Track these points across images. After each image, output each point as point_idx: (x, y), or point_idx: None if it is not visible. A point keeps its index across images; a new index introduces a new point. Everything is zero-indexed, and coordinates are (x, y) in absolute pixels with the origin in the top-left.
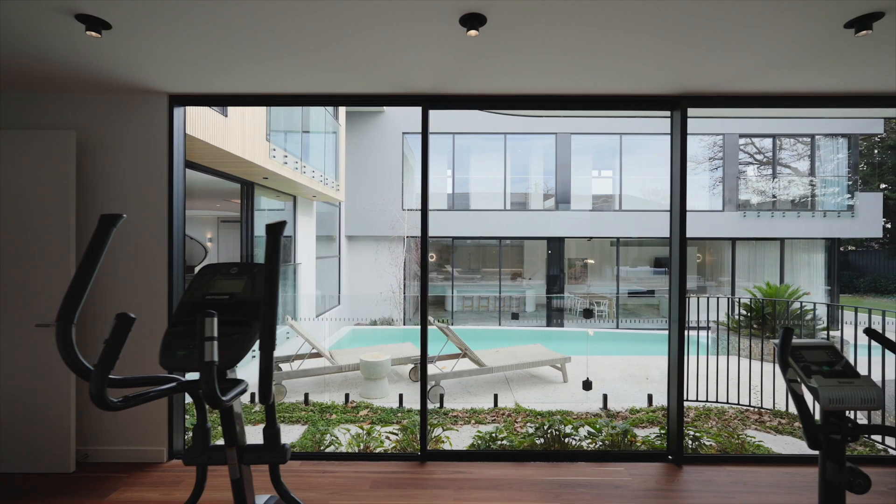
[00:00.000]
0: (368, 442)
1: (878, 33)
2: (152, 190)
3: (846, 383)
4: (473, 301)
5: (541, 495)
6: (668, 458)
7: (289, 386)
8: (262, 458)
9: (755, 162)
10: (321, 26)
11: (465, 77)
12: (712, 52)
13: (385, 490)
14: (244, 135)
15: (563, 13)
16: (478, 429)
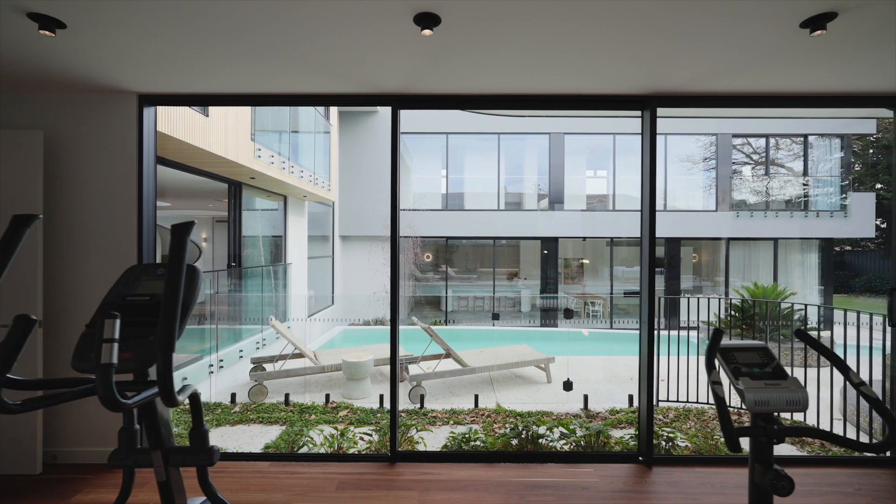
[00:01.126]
0: (342, 443)
1: (834, 34)
2: (121, 190)
3: (773, 385)
4: (469, 301)
5: (505, 497)
6: (639, 459)
7: (274, 386)
8: (189, 461)
9: (751, 162)
10: (283, 28)
11: (434, 77)
12: (678, 52)
13: (350, 491)
14: (227, 135)
15: (518, 11)
16: (456, 430)
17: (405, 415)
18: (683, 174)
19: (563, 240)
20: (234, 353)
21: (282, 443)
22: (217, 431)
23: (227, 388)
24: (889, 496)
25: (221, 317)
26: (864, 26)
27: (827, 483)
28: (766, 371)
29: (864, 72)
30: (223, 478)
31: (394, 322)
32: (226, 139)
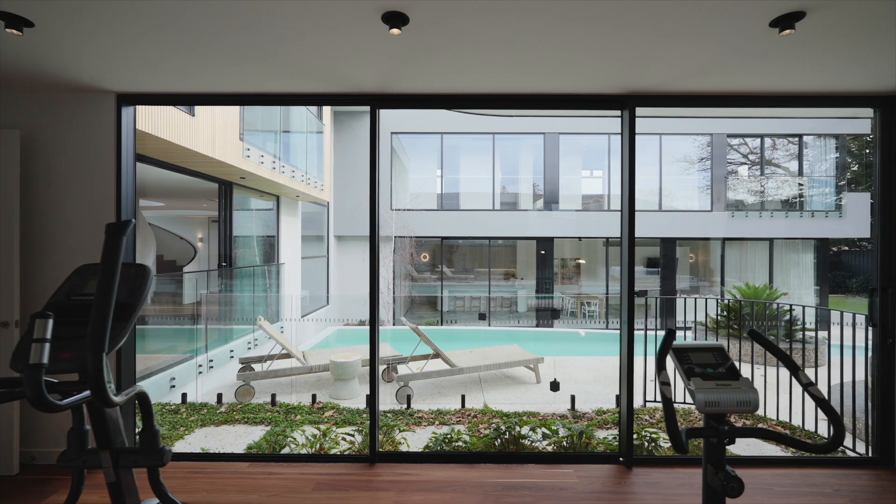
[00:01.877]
0: (324, 443)
1: (803, 33)
2: (100, 189)
3: (724, 386)
4: (465, 301)
5: (482, 498)
6: (620, 459)
7: (263, 386)
8: (139, 462)
9: (748, 162)
10: (257, 29)
11: (411, 76)
12: (653, 52)
13: (327, 492)
14: (214, 135)
15: (488, 9)
16: (442, 430)
17: (391, 415)
18: (679, 174)
19: (560, 240)
20: (224, 354)
21: (264, 443)
22: (201, 432)
23: (217, 389)
24: (867, 497)
25: (212, 317)
26: (833, 26)
27: (806, 483)
28: (720, 372)
29: (841, 72)
30: (200, 478)
31: (373, 323)
32: (213, 139)
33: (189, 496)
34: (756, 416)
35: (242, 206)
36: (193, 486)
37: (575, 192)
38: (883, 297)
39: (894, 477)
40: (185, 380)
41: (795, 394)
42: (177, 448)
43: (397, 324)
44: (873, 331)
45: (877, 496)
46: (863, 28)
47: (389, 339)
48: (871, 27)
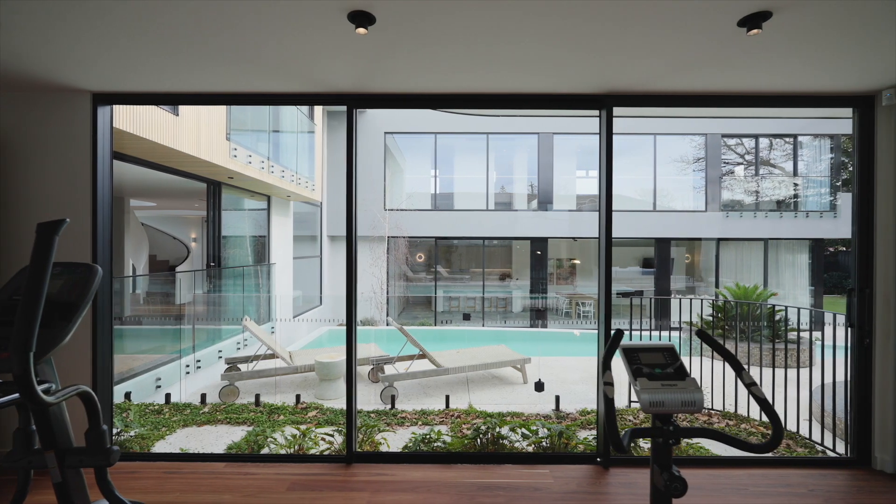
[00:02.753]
0: (303, 443)
1: (773, 33)
2: (75, 190)
3: (669, 386)
4: (460, 301)
5: (456, 498)
6: (597, 460)
7: (249, 387)
8: (85, 462)
9: (743, 162)
10: (228, 28)
11: (387, 75)
12: (629, 51)
13: (300, 492)
14: (199, 134)
15: (455, 9)
16: (424, 430)
17: (374, 415)
18: (673, 174)
19: (555, 240)
20: (213, 354)
21: (244, 444)
22: (183, 432)
23: (203, 389)
24: (841, 497)
25: (201, 318)
26: (802, 26)
27: (782, 484)
28: (668, 372)
29: (818, 71)
30: (175, 478)
31: (349, 324)
32: (198, 139)
33: (162, 496)
34: (739, 417)
35: (232, 206)
36: (168, 487)
37: (570, 193)
38: (860, 297)
39: (870, 477)
40: (172, 380)
41: (783, 396)
42: (157, 448)
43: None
44: (851, 331)
45: (851, 496)
46: (833, 29)
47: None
48: (841, 28)
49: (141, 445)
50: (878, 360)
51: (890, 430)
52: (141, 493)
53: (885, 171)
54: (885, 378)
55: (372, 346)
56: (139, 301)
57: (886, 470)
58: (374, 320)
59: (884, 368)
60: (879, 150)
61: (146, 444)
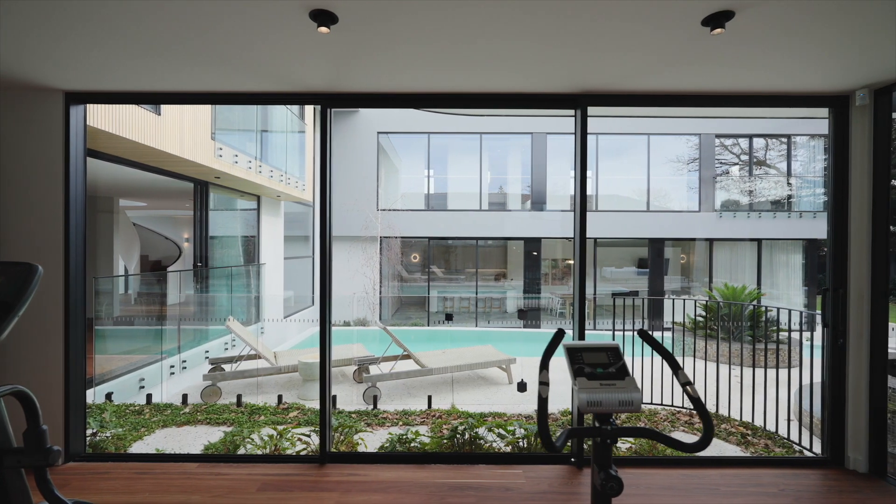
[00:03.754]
0: (279, 444)
1: (737, 33)
2: (46, 189)
3: (608, 385)
4: (454, 301)
5: (425, 498)
6: (571, 460)
7: (233, 387)
8: (23, 462)
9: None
10: (195, 26)
11: (359, 75)
12: (601, 50)
13: (271, 493)
14: (183, 134)
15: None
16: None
17: (355, 416)
18: (667, 174)
19: (551, 241)
20: (199, 354)
21: (221, 445)
22: (161, 433)
23: (188, 390)
24: (811, 496)
25: (188, 318)
26: (767, 26)
27: (753, 483)
28: (609, 371)
29: (791, 71)
30: (146, 479)
31: (323, 324)
32: (181, 138)
33: (131, 497)
34: (720, 417)
35: (221, 206)
36: (137, 487)
37: (563, 193)
38: (834, 297)
39: (842, 476)
40: (157, 381)
41: (763, 396)
42: (134, 449)
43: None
44: (825, 331)
45: (820, 496)
46: (799, 30)
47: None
48: (808, 29)
49: (117, 446)
50: (851, 360)
51: (862, 430)
52: (110, 493)
53: (859, 170)
54: (857, 378)
55: (357, 346)
56: (130, 301)
57: (859, 469)
58: (367, 320)
59: (857, 368)
60: (854, 150)
61: (123, 444)
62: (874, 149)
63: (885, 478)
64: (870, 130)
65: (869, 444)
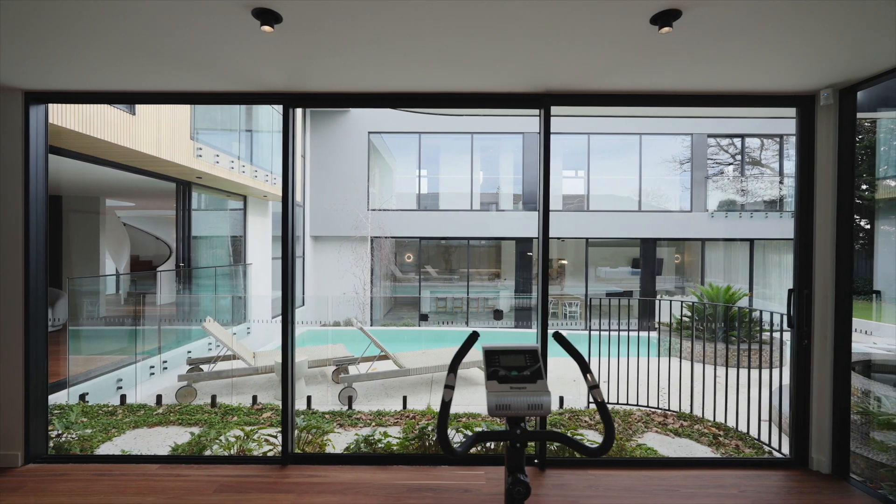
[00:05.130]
0: (247, 445)
1: (692, 32)
2: (5, 191)
3: (518, 389)
4: (447, 302)
5: (382, 500)
6: (535, 461)
7: (211, 387)
8: None
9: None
10: (147, 24)
11: (322, 74)
12: (561, 49)
13: (227, 494)
14: (160, 134)
15: (361, 9)
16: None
17: (329, 416)
18: (659, 174)
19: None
20: (182, 355)
21: (187, 446)
22: (132, 433)
23: (166, 390)
24: (770, 497)
25: (171, 318)
26: (717, 26)
27: (714, 485)
28: (524, 374)
29: (750, 71)
30: (104, 481)
31: (285, 324)
32: (158, 138)
33: (86, 498)
34: (693, 417)
35: (206, 206)
36: (94, 489)
37: (556, 193)
38: (799, 297)
39: (805, 477)
40: (136, 381)
41: (735, 396)
42: (101, 450)
43: (375, 324)
44: (792, 332)
45: (779, 497)
46: (753, 29)
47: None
48: (761, 29)
49: (84, 447)
50: (815, 361)
51: (826, 431)
52: (65, 495)
53: (824, 170)
54: (822, 379)
55: (339, 346)
56: (120, 301)
57: (822, 470)
58: (359, 320)
59: (821, 369)
60: (819, 150)
61: (90, 445)
62: (839, 149)
63: (848, 479)
64: (835, 130)
65: (832, 444)
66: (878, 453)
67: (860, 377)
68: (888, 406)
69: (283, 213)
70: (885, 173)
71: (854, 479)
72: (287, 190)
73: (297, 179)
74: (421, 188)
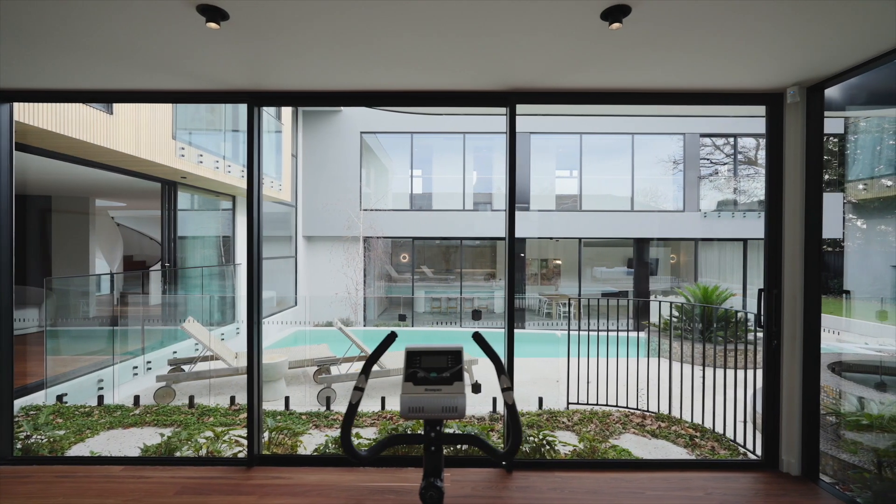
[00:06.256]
0: (216, 446)
1: (644, 29)
2: None
3: (433, 391)
4: (442, 302)
5: (343, 502)
6: (502, 463)
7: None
8: None
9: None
10: (103, 23)
11: (284, 73)
12: (521, 45)
13: (188, 496)
14: (139, 133)
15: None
16: (356, 432)
17: (305, 417)
18: (653, 174)
19: (542, 241)
20: (168, 355)
21: (155, 447)
22: (106, 435)
23: (147, 391)
24: (736, 500)
25: (156, 318)
26: (671, 23)
27: (681, 487)
28: (442, 376)
29: (713, 69)
30: (65, 483)
31: (250, 325)
32: (137, 138)
33: (45, 501)
34: (672, 419)
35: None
36: (54, 491)
37: (549, 193)
38: (768, 298)
39: (774, 479)
40: (119, 382)
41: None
42: (72, 451)
43: (368, 324)
44: (762, 332)
45: (745, 500)
46: (709, 26)
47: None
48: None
49: (54, 449)
50: (785, 361)
51: (795, 433)
52: (23, 497)
53: (792, 168)
54: (791, 380)
55: (323, 346)
56: (112, 302)
57: (792, 472)
58: (351, 320)
59: (790, 370)
60: (787, 148)
61: (61, 446)
62: (807, 147)
63: (817, 481)
64: (802, 128)
65: (802, 446)
66: (850, 455)
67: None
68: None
69: (247, 214)
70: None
71: (823, 482)
72: (252, 192)
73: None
74: (414, 188)
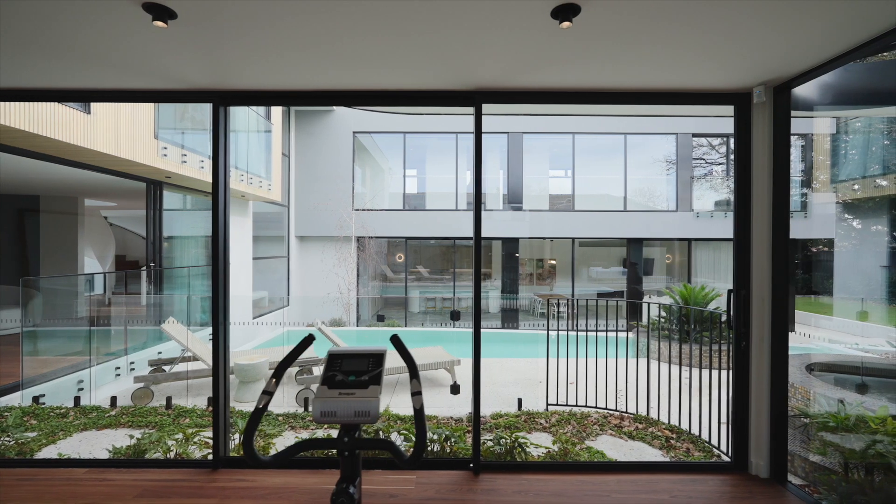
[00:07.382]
0: (185, 448)
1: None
2: None
3: (347, 395)
4: (437, 302)
5: None
6: (470, 465)
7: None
8: None
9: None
10: (56, 19)
11: (249, 73)
12: (480, 43)
13: (148, 500)
14: (118, 133)
15: (257, 9)
16: (329, 434)
17: (282, 418)
18: (645, 174)
19: (536, 241)
20: (152, 356)
21: (125, 449)
22: (79, 436)
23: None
24: (702, 503)
25: (140, 319)
26: (618, 22)
27: (648, 490)
28: (361, 380)
29: (675, 69)
30: (26, 486)
31: (216, 324)
32: (116, 137)
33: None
34: (650, 420)
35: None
36: (13, 495)
37: (542, 193)
38: (736, 299)
39: (743, 482)
40: (99, 383)
41: (688, 398)
42: (42, 453)
43: (361, 325)
44: (731, 333)
45: (711, 502)
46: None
47: (350, 340)
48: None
49: (22, 451)
50: (753, 363)
51: (764, 435)
52: None
53: (760, 168)
54: (759, 381)
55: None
56: (104, 302)
57: (761, 475)
58: (343, 320)
59: (759, 372)
60: (755, 148)
61: (30, 449)
62: (774, 147)
63: (785, 483)
64: (769, 128)
65: (770, 448)
66: (820, 457)
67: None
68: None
69: (213, 214)
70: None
71: (791, 484)
72: (218, 191)
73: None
74: (406, 188)
